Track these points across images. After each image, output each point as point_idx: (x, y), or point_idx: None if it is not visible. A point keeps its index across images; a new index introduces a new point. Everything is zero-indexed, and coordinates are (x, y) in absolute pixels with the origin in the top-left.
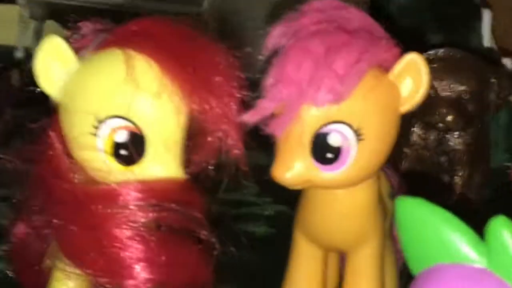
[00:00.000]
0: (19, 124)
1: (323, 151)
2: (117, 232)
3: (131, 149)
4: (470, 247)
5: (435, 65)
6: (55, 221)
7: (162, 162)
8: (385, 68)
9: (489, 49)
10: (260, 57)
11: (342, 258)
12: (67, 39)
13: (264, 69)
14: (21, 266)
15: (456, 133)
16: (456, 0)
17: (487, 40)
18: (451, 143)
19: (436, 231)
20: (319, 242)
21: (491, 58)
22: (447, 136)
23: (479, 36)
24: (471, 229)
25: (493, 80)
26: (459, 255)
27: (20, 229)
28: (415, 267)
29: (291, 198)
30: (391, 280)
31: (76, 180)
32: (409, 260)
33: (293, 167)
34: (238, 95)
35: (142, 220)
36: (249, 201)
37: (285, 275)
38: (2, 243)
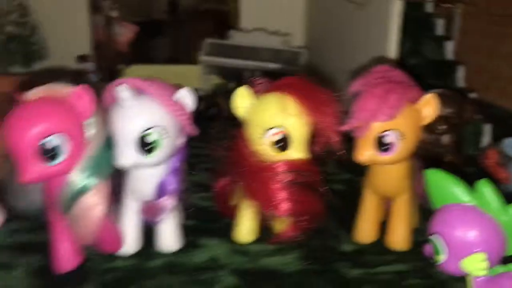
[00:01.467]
0: (224, 129)
1: (381, 145)
2: (273, 185)
3: (283, 143)
4: (466, 195)
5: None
6: (240, 179)
7: (298, 150)
8: (414, 101)
9: (462, 88)
10: (347, 97)
11: (387, 203)
12: (249, 86)
13: (350, 103)
14: (220, 202)
15: (447, 135)
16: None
17: (461, 82)
18: (444, 141)
19: (447, 187)
20: (378, 194)
21: (463, 93)
22: (441, 137)
23: (456, 81)
24: (464, 183)
25: (466, 106)
26: (460, 199)
27: (220, 182)
28: (436, 205)
29: (355, 170)
30: (415, 213)
31: (252, 159)
32: (433, 201)
33: (365, 153)
34: (337, 116)
35: (287, 179)
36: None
37: (357, 213)
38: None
